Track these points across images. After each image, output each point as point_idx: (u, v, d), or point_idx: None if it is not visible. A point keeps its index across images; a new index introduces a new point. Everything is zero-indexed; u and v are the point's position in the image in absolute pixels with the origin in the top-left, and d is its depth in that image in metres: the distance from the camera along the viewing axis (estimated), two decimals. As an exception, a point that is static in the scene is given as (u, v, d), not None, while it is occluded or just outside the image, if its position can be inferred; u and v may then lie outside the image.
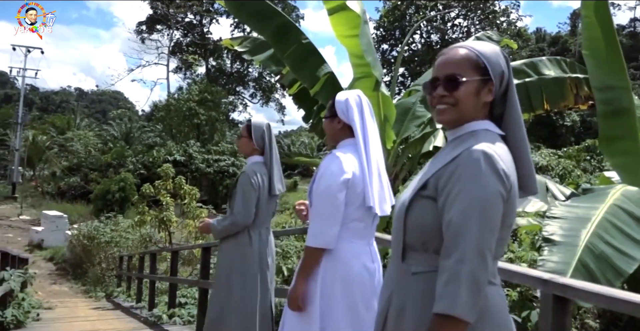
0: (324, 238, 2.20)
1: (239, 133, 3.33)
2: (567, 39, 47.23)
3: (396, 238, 1.46)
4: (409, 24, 38.25)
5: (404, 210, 1.41)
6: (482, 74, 1.41)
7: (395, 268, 1.46)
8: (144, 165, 27.37)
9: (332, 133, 2.39)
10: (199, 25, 42.06)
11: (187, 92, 33.06)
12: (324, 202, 2.21)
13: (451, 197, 1.31)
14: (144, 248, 12.30)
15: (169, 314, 6.57)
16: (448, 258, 1.26)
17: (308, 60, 5.08)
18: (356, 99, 2.37)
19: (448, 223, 1.29)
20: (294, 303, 2.24)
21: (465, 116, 1.43)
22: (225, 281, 3.20)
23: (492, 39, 5.78)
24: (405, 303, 1.39)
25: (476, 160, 1.30)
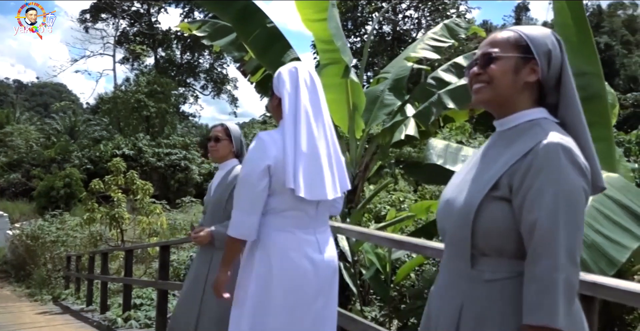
0: (242, 229, 2.10)
1: (212, 137, 3.19)
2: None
3: (459, 243, 1.33)
4: (361, 15, 38.32)
5: (472, 214, 1.28)
6: (524, 52, 1.33)
7: (461, 274, 1.34)
8: (90, 159, 26.31)
9: (273, 112, 2.27)
10: (146, 14, 40.71)
11: (135, 83, 31.93)
12: (243, 190, 2.10)
13: (531, 196, 1.20)
14: (94, 247, 11.72)
15: (124, 317, 6.20)
16: (538, 265, 1.17)
17: (273, 45, 4.79)
18: (291, 70, 2.19)
19: (532, 226, 1.19)
20: (216, 291, 2.27)
21: (501, 96, 1.34)
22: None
23: (461, 27, 5.66)
24: (483, 312, 1.27)
25: (555, 154, 1.20)
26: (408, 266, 4.57)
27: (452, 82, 5.10)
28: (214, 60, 42.12)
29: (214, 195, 3.10)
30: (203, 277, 2.98)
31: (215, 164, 20.92)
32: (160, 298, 5.27)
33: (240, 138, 3.23)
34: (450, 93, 4.79)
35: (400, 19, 39.99)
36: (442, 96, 4.78)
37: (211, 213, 3.09)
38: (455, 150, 4.44)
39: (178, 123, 35.09)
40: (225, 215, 3.01)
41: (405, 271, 4.59)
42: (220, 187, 3.09)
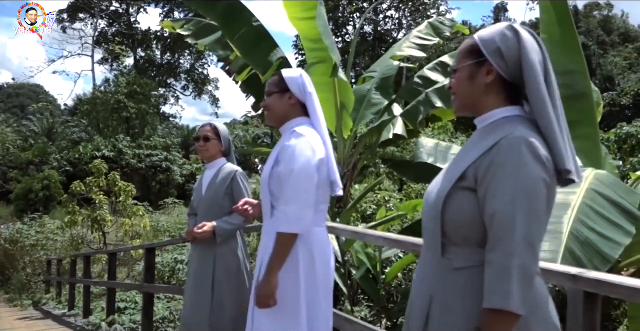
0: (301, 223, 2.05)
1: (200, 136, 3.15)
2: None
3: (431, 233, 1.39)
4: (342, 16, 38.38)
5: (441, 205, 1.34)
6: (477, 56, 1.40)
7: (433, 264, 1.40)
8: (69, 161, 25.93)
9: (282, 109, 2.24)
10: (125, 14, 40.20)
11: (114, 84, 31.53)
12: (300, 183, 2.06)
13: (493, 187, 1.26)
14: (75, 251, 11.51)
15: (108, 321, 6.07)
16: (496, 252, 1.23)
17: (259, 44, 4.73)
18: (306, 76, 2.30)
19: (492, 215, 1.25)
20: (267, 300, 2.02)
21: (468, 102, 1.44)
22: (226, 288, 2.99)
23: (445, 25, 5.67)
24: (449, 299, 1.33)
25: (517, 147, 1.26)
26: (398, 266, 4.55)
27: (438, 81, 5.10)
28: (195, 61, 41.81)
29: (206, 194, 3.08)
30: (209, 275, 2.96)
31: (197, 165, 20.63)
32: (146, 301, 5.18)
33: (228, 137, 3.22)
34: (437, 91, 4.78)
35: (381, 19, 40.16)
36: (429, 95, 4.77)
37: (204, 212, 3.06)
38: (444, 148, 4.43)
39: (159, 124, 34.76)
40: (220, 212, 3.02)
41: (395, 271, 4.57)
42: (213, 185, 3.07)
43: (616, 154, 11.25)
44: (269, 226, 2.19)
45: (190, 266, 3.17)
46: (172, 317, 6.02)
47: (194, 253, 3.13)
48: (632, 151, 11.69)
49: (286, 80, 2.23)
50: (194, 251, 3.15)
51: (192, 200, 3.23)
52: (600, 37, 45.48)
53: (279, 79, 2.24)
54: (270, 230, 2.15)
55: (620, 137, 12.09)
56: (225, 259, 3.02)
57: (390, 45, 40.05)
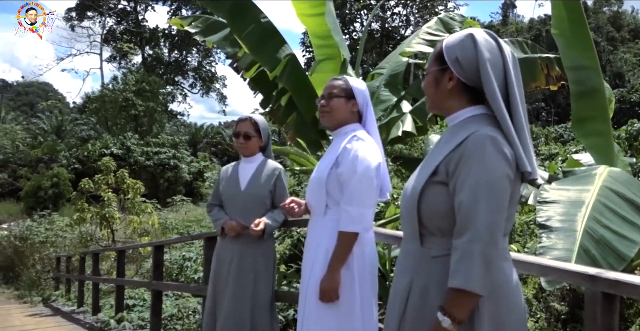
0: (364, 223, 2.21)
1: (241, 132, 3.09)
2: (499, 29, 48.71)
3: (410, 225, 1.51)
4: (349, 13, 38.26)
5: (417, 197, 1.47)
6: (440, 63, 1.53)
7: (413, 252, 1.52)
8: (78, 159, 26.05)
9: (343, 114, 2.36)
10: (133, 12, 40.31)
11: (122, 82, 31.60)
12: (363, 185, 2.19)
13: (460, 180, 1.38)
14: (84, 248, 11.55)
15: (117, 319, 6.08)
16: (460, 238, 1.35)
17: (267, 41, 4.68)
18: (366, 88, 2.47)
19: (459, 205, 1.37)
20: (330, 295, 2.16)
21: (435, 103, 1.58)
22: (264, 287, 3.03)
23: (455, 20, 5.60)
24: (428, 284, 1.45)
25: (482, 144, 1.38)
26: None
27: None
28: (202, 58, 41.87)
29: (248, 188, 3.05)
30: (251, 273, 2.96)
31: (204, 162, 20.62)
32: (155, 299, 5.17)
33: (268, 131, 3.20)
34: (447, 88, 4.73)
35: (388, 16, 40.03)
36: (439, 91, 4.72)
37: (243, 206, 3.03)
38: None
39: (166, 122, 34.84)
40: (261, 208, 3.04)
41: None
42: (256, 181, 3.06)
43: (627, 152, 11.14)
44: (320, 224, 2.31)
45: (222, 263, 3.06)
46: (180, 315, 6.02)
47: (232, 250, 3.03)
48: (644, 148, 11.55)
49: (353, 89, 2.37)
50: (229, 248, 3.04)
51: (222, 192, 3.13)
52: (610, 34, 45.04)
53: (345, 87, 2.37)
54: (322, 229, 2.28)
55: (631, 134, 11.97)
56: (266, 257, 3.06)
57: (398, 42, 39.83)
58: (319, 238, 2.28)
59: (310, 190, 2.40)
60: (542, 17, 53.19)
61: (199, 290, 4.24)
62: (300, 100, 4.77)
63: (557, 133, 26.01)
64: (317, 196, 2.32)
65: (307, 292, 2.26)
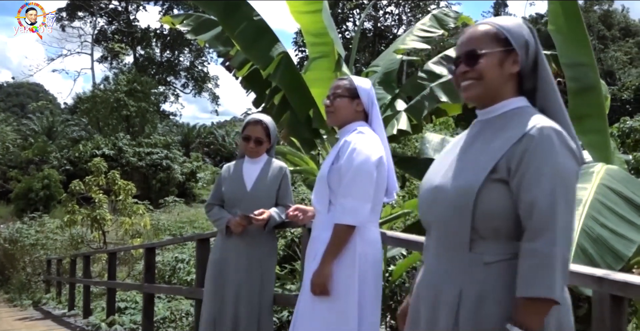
0: (359, 216, 2.15)
1: (252, 137, 3.07)
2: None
3: (456, 229, 1.35)
4: (342, 12, 38.21)
5: (473, 198, 1.30)
6: (504, 45, 1.40)
7: (457, 260, 1.36)
8: (69, 160, 25.84)
9: (348, 114, 2.35)
10: (124, 12, 40.06)
11: (114, 82, 31.40)
12: (359, 177, 2.16)
13: (529, 177, 1.26)
14: (75, 250, 11.43)
15: (109, 322, 5.99)
16: (537, 241, 1.23)
17: (260, 39, 4.61)
18: (372, 88, 2.46)
19: (531, 204, 1.25)
20: (320, 288, 2.14)
21: (492, 90, 1.41)
22: (272, 281, 3.09)
23: (449, 16, 5.55)
24: (484, 293, 1.31)
25: (548, 138, 1.28)
26: (404, 265, 4.46)
27: (443, 75, 4.98)
28: (195, 58, 41.68)
29: (254, 189, 3.04)
30: (258, 273, 2.94)
31: (197, 163, 20.53)
32: (147, 302, 5.10)
33: (276, 133, 3.21)
34: (442, 86, 4.67)
35: (381, 16, 40.03)
36: (434, 89, 4.66)
37: (248, 206, 2.99)
38: (451, 144, 4.33)
39: (159, 123, 34.67)
40: (266, 207, 3.00)
41: (402, 270, 4.48)
42: (262, 181, 3.05)
43: (619, 149, 11.17)
44: (324, 221, 2.27)
45: (225, 263, 2.99)
46: (172, 317, 5.94)
47: (238, 248, 2.98)
48: (636, 146, 11.58)
49: (358, 88, 2.35)
50: (233, 247, 2.99)
51: (225, 193, 3.08)
52: (601, 32, 45.26)
53: (351, 86, 2.35)
54: (325, 226, 2.23)
55: (623, 132, 12.00)
56: (272, 257, 3.07)
57: (391, 41, 39.82)
58: (321, 236, 2.26)
59: (315, 188, 2.38)
60: (533, 16, 53.45)
61: (192, 293, 4.17)
62: (293, 99, 4.70)
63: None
64: (321, 193, 2.30)
65: (303, 288, 2.25)
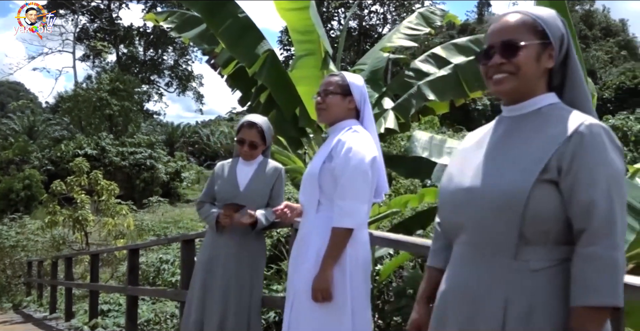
0: (357, 218, 2.10)
1: (246, 140, 2.98)
2: (474, 27, 49.18)
3: (502, 233, 1.25)
4: (326, 11, 38.16)
5: (524, 199, 1.21)
6: (541, 37, 1.32)
7: (503, 268, 1.26)
8: (51, 160, 25.42)
9: (339, 111, 2.28)
10: (106, 9, 39.55)
11: (96, 81, 30.99)
12: (356, 178, 2.10)
13: (583, 178, 1.20)
14: (56, 252, 11.23)
15: (91, 325, 5.87)
16: (597, 245, 1.16)
17: (245, 36, 4.54)
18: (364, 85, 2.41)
19: (588, 207, 1.18)
20: (322, 294, 2.06)
21: (526, 85, 1.33)
22: (261, 281, 3.03)
23: (436, 14, 5.53)
24: (533, 303, 1.22)
25: (599, 136, 1.22)
26: (392, 265, 4.41)
27: (430, 73, 4.95)
28: (179, 57, 41.34)
29: (248, 189, 2.97)
30: (248, 274, 2.88)
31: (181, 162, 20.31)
32: (130, 305, 4.99)
33: (272, 135, 3.12)
34: (430, 84, 4.64)
35: (366, 14, 40.07)
36: (422, 87, 4.63)
37: (241, 203, 2.91)
38: (440, 142, 4.30)
39: (142, 122, 34.28)
40: (260, 208, 2.95)
41: (390, 270, 4.43)
42: (257, 182, 2.99)
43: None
44: (312, 222, 2.21)
45: (214, 262, 2.92)
46: (157, 319, 5.84)
47: (227, 247, 2.92)
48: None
49: (350, 85, 2.28)
50: (223, 245, 2.93)
51: (218, 192, 3.02)
52: (582, 32, 45.74)
53: (342, 83, 2.29)
54: (314, 226, 2.18)
55: (606, 131, 12.16)
56: (261, 256, 3.02)
57: (376, 40, 39.81)
58: (310, 236, 2.20)
59: (303, 186, 2.32)
60: (516, 16, 53.62)
61: (177, 295, 4.08)
62: (279, 97, 4.64)
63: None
64: (309, 192, 2.23)
65: (295, 291, 2.17)
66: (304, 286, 2.12)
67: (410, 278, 4.61)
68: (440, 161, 4.07)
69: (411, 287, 4.04)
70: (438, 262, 1.53)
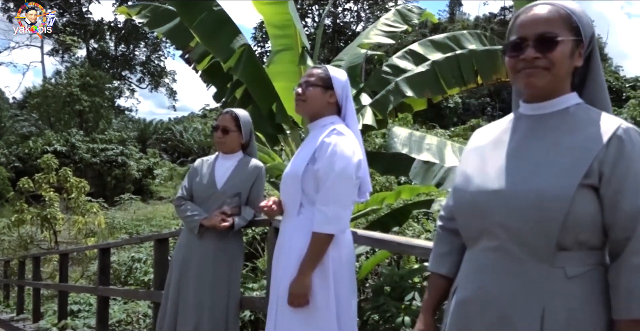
0: (340, 224, 2.05)
1: (219, 126, 2.90)
2: (446, 26, 49.63)
3: (538, 239, 1.19)
4: (301, 8, 38.04)
5: (567, 204, 1.15)
6: (575, 34, 1.25)
7: (538, 276, 1.20)
8: (18, 157, 24.81)
9: (320, 105, 2.19)
10: (76, 3, 38.65)
11: (66, 76, 30.28)
12: (341, 183, 2.03)
13: (629, 186, 1.16)
14: (24, 251, 10.92)
15: (60, 326, 5.70)
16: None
17: (221, 31, 4.42)
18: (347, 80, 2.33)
19: (634, 215, 1.14)
20: (299, 300, 2.01)
21: (557, 82, 1.26)
22: (238, 282, 2.95)
23: (413, 12, 5.50)
24: (571, 311, 1.17)
25: (638, 141, 1.19)
26: (371, 263, 4.38)
27: (408, 69, 4.93)
28: (151, 53, 40.70)
29: (225, 187, 2.86)
30: (226, 274, 2.80)
31: (154, 159, 20.00)
32: (101, 305, 4.85)
33: (250, 128, 2.99)
34: (408, 80, 4.60)
35: (340, 12, 40.08)
36: (399, 84, 4.59)
37: (218, 204, 2.84)
38: (419, 138, 4.27)
39: (114, 118, 33.70)
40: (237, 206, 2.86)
41: (369, 268, 4.40)
42: (236, 180, 2.87)
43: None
44: (294, 224, 2.14)
45: (189, 264, 2.83)
46: (129, 319, 5.71)
47: (203, 248, 2.82)
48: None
49: (332, 79, 2.20)
50: (198, 245, 2.83)
51: (194, 189, 2.92)
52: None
53: (324, 76, 2.20)
54: (295, 229, 2.12)
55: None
56: (239, 257, 2.93)
57: (350, 37, 39.77)
58: (291, 239, 2.12)
59: (284, 186, 2.23)
60: (487, 15, 54.75)
61: (150, 296, 3.97)
62: (256, 93, 4.55)
63: (502, 128, 26.93)
64: (291, 193, 2.15)
65: (279, 297, 2.10)
66: (286, 292, 2.06)
67: (387, 276, 4.59)
68: (419, 157, 4.04)
69: (388, 284, 4.01)
70: (444, 269, 1.45)
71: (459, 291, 1.33)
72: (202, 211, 2.84)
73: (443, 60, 4.72)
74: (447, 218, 1.49)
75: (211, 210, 2.83)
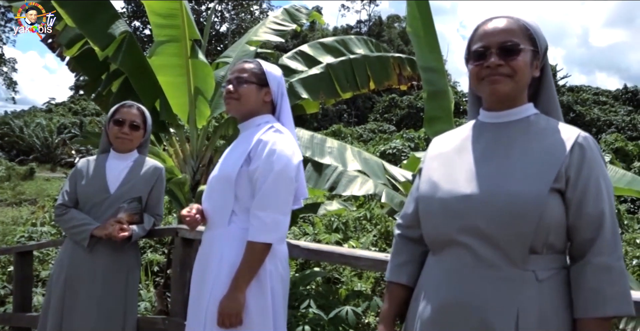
0: (280, 232, 1.84)
1: (127, 121, 2.60)
2: (307, 34, 51.02)
3: (512, 243, 1.20)
4: (162, 2, 36.34)
5: (540, 208, 1.18)
6: (532, 45, 1.32)
7: (509, 277, 1.21)
8: None
9: (254, 103, 1.99)
10: None
11: None
12: (280, 186, 1.82)
13: (592, 191, 1.22)
14: None
15: None
16: (609, 256, 1.19)
17: (98, 14, 3.91)
18: None
19: (599, 219, 1.21)
20: (231, 319, 1.75)
21: (519, 90, 1.32)
22: (135, 300, 2.60)
23: (301, 12, 5.41)
24: (542, 313, 1.20)
25: (596, 148, 1.26)
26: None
27: (298, 70, 4.81)
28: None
29: (119, 191, 2.49)
30: (121, 288, 2.44)
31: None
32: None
33: (151, 126, 2.72)
34: (302, 82, 4.49)
35: (204, 11, 39.06)
36: (294, 85, 4.45)
37: (110, 211, 2.47)
38: (320, 142, 4.15)
39: None
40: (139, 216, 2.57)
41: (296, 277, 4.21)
42: (131, 182, 2.52)
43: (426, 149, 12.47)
44: (223, 235, 1.87)
45: (76, 282, 2.43)
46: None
47: (93, 264, 2.45)
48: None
49: (267, 75, 2.01)
50: (88, 261, 2.45)
51: (80, 194, 2.51)
52: (400, 47, 50.13)
53: (259, 71, 2.00)
54: (226, 239, 1.85)
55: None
56: (135, 273, 2.56)
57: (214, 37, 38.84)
58: (221, 251, 1.85)
59: (210, 192, 1.95)
60: (344, 27, 57.47)
61: (9, 320, 3.32)
62: (138, 86, 4.11)
63: (357, 134, 28.66)
64: (220, 200, 1.88)
65: (206, 318, 1.83)
66: (216, 311, 1.80)
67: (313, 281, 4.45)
68: (323, 161, 3.93)
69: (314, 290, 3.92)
70: (404, 278, 1.44)
71: (431, 297, 1.31)
72: (92, 220, 2.43)
73: (337, 64, 4.70)
74: (406, 227, 1.48)
75: (104, 218, 2.43)
